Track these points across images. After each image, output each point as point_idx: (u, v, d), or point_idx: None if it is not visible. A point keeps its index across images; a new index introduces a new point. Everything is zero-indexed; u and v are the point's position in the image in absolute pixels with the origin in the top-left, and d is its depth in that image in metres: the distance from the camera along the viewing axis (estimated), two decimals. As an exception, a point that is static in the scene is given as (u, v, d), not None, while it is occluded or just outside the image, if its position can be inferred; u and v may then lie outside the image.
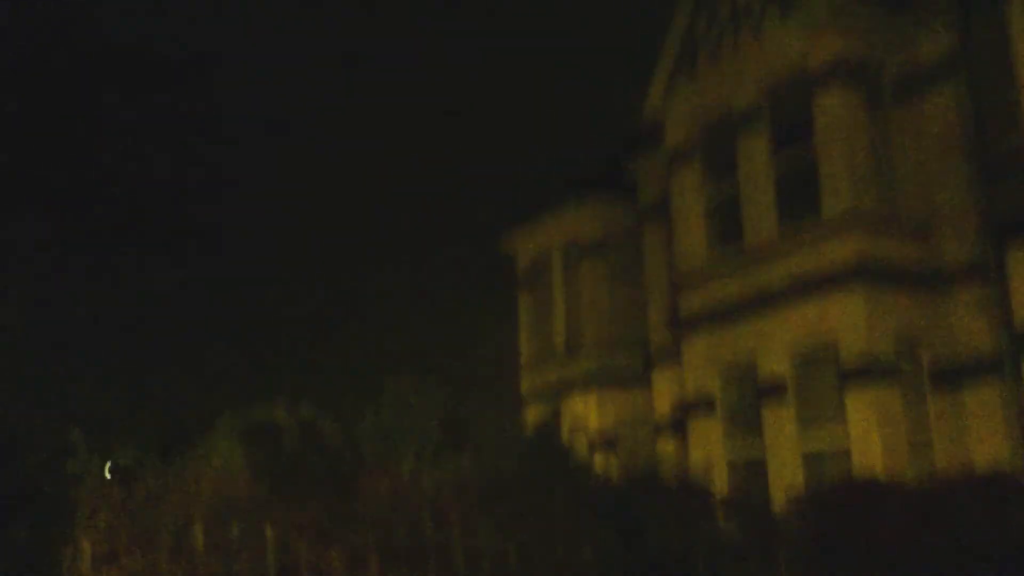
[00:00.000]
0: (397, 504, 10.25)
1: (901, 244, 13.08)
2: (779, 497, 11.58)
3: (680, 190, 15.62)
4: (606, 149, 21.24)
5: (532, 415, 19.49)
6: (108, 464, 9.82)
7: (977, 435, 12.29)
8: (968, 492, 9.35)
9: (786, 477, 12.63)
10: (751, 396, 13.82)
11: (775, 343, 13.39)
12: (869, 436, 11.83)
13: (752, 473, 13.56)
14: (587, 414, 18.96)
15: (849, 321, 12.45)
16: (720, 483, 13.04)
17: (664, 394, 16.80)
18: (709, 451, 14.01)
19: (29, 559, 9.45)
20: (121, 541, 8.33)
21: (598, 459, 15.93)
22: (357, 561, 8.83)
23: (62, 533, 8.40)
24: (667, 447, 15.46)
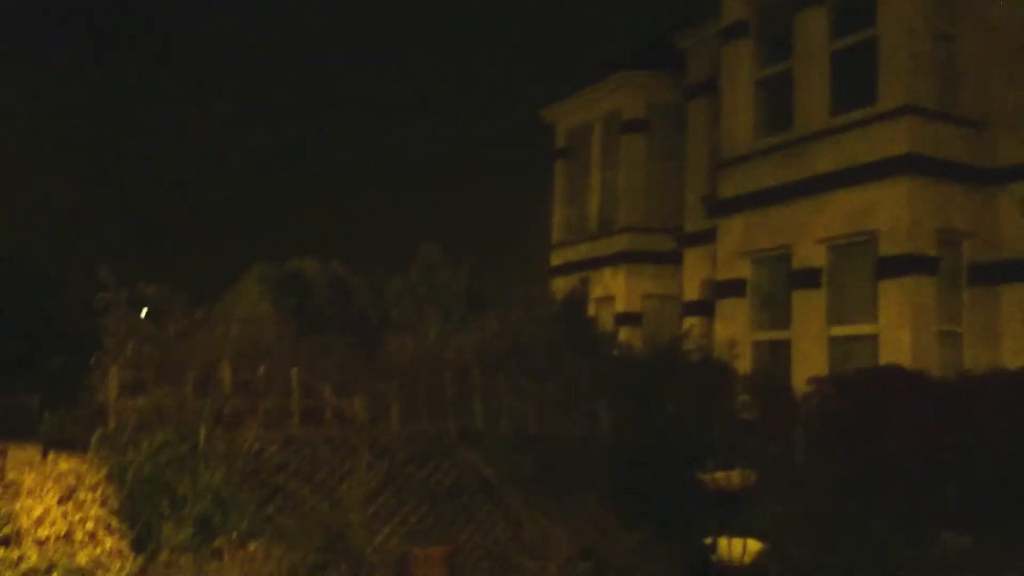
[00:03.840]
0: (421, 361, 10.35)
1: (954, 138, 12.66)
2: (801, 379, 11.60)
3: (731, 67, 15.12)
4: (655, 23, 20.57)
5: (560, 287, 19.49)
6: (144, 309, 9.85)
7: (1010, 333, 12.16)
8: (995, 387, 9.27)
9: (810, 360, 12.63)
10: (783, 280, 13.72)
11: (814, 229, 13.18)
12: (899, 326, 11.73)
13: (776, 355, 13.60)
14: (615, 289, 18.96)
15: (892, 211, 12.18)
16: (743, 362, 13.06)
17: (694, 274, 16.70)
18: (735, 331, 14.00)
19: (64, 386, 9.68)
20: (149, 373, 8.44)
21: (623, 333, 15.95)
22: (379, 410, 8.94)
23: (92, 362, 8.53)
24: (693, 325, 15.43)
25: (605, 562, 8.44)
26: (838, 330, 12.81)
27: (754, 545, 7.66)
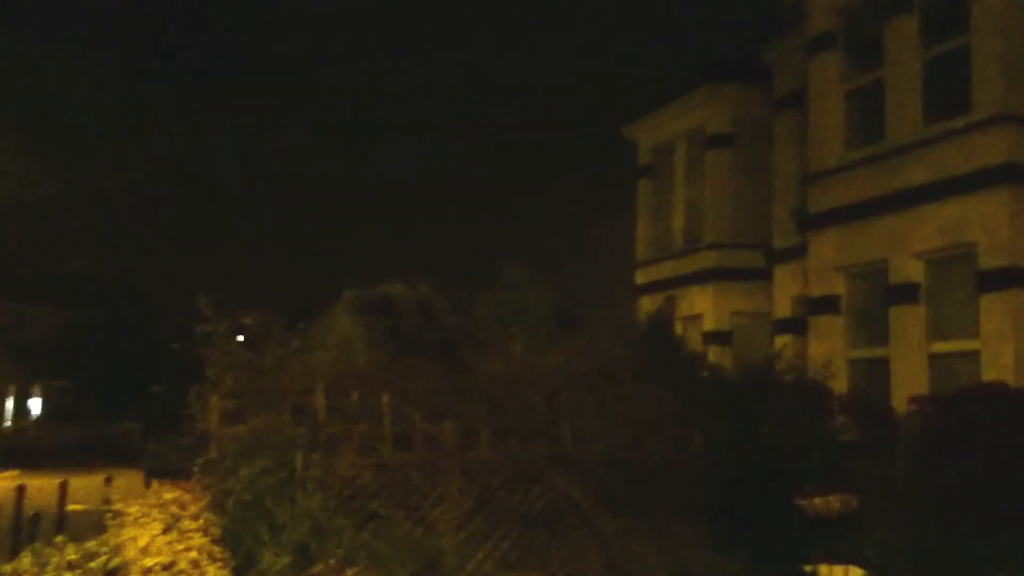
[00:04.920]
0: (509, 383, 10.37)
1: (1054, 145, 12.15)
2: (901, 398, 11.24)
3: (819, 79, 14.83)
4: (739, 36, 20.33)
5: (646, 306, 19.35)
6: (241, 336, 10.10)
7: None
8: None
9: (910, 378, 12.23)
10: (879, 295, 13.34)
11: (910, 242, 12.81)
12: (1002, 341, 11.28)
13: (873, 373, 13.20)
14: (703, 307, 18.71)
15: (991, 223, 11.76)
16: (839, 382, 12.72)
17: (785, 291, 16.36)
18: (830, 349, 13.66)
19: (166, 413, 9.98)
20: (248, 400, 8.65)
21: (711, 352, 15.72)
22: (469, 434, 8.98)
23: (193, 391, 8.77)
24: (785, 344, 15.11)
25: (700, 589, 8.30)
26: (938, 346, 12.40)
27: (856, 573, 7.44)
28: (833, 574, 7.32)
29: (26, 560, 5.60)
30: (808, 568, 7.48)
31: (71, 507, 12.57)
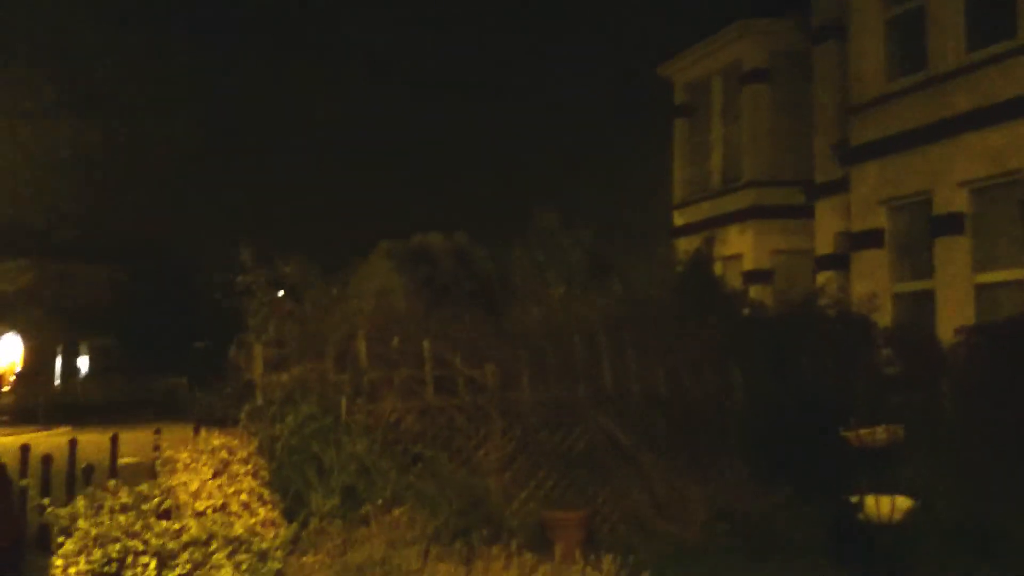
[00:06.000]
0: (548, 327, 10.38)
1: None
2: (946, 330, 11.08)
3: (858, 8, 14.43)
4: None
5: (684, 247, 19.15)
6: (281, 290, 10.18)
7: None
8: None
9: (956, 310, 12.04)
10: (923, 227, 13.09)
11: (954, 172, 12.52)
12: (1050, 270, 11.05)
13: (919, 306, 13.01)
14: (743, 247, 18.49)
15: (1039, 149, 11.45)
16: (884, 315, 12.56)
17: (827, 227, 16.07)
18: (874, 283, 13.44)
19: (212, 363, 10.13)
20: (291, 349, 8.73)
21: (752, 292, 15.55)
22: (509, 376, 9.02)
23: (237, 341, 8.88)
24: (828, 280, 14.89)
25: (744, 523, 8.33)
26: (984, 277, 12.16)
27: (903, 502, 7.39)
28: (880, 504, 7.28)
29: (81, 504, 5.74)
30: (854, 499, 7.45)
31: (123, 460, 12.84)
